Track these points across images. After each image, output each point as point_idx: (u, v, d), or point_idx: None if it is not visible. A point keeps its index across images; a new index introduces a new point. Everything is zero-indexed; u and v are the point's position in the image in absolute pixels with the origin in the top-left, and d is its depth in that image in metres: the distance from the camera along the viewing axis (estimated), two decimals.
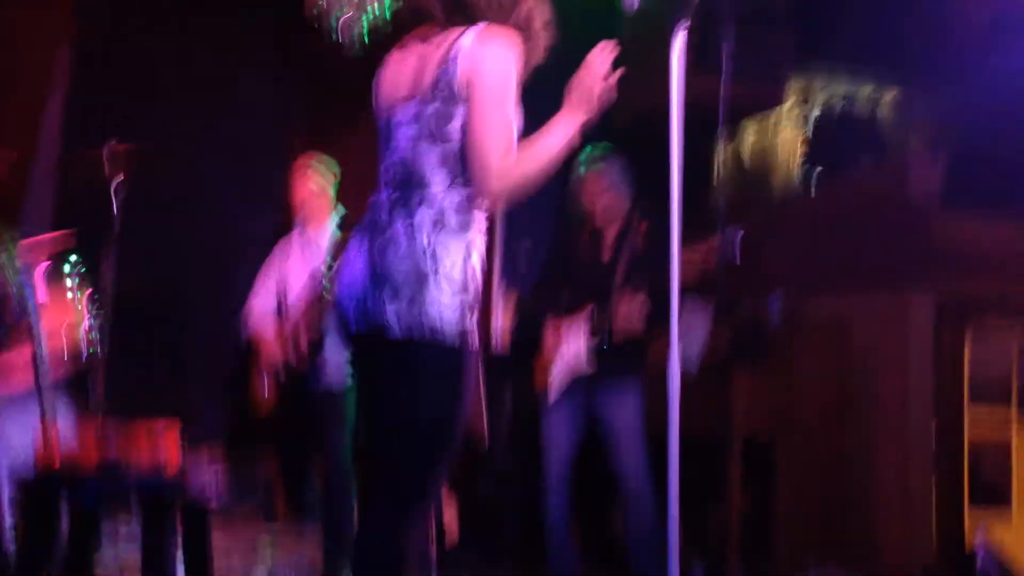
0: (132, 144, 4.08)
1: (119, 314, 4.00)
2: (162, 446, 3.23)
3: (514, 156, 2.23)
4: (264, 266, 4.55)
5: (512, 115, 2.28)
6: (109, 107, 5.27)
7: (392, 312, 2.19)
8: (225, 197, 5.62)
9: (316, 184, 4.42)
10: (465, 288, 2.23)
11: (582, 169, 4.12)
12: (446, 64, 2.24)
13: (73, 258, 3.86)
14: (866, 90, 7.35)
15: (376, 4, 4.73)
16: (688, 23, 2.48)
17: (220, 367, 5.32)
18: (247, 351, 4.51)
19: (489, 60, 2.25)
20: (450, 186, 2.27)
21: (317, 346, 4.21)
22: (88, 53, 5.32)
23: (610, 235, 4.17)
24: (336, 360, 4.24)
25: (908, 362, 5.12)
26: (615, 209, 4.14)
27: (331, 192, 4.48)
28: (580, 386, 4.11)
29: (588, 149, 4.16)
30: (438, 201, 2.25)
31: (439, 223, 2.24)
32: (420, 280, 2.19)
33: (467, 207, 2.29)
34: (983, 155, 6.29)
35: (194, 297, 5.38)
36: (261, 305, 4.46)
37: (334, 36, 4.77)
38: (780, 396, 5.00)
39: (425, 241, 2.21)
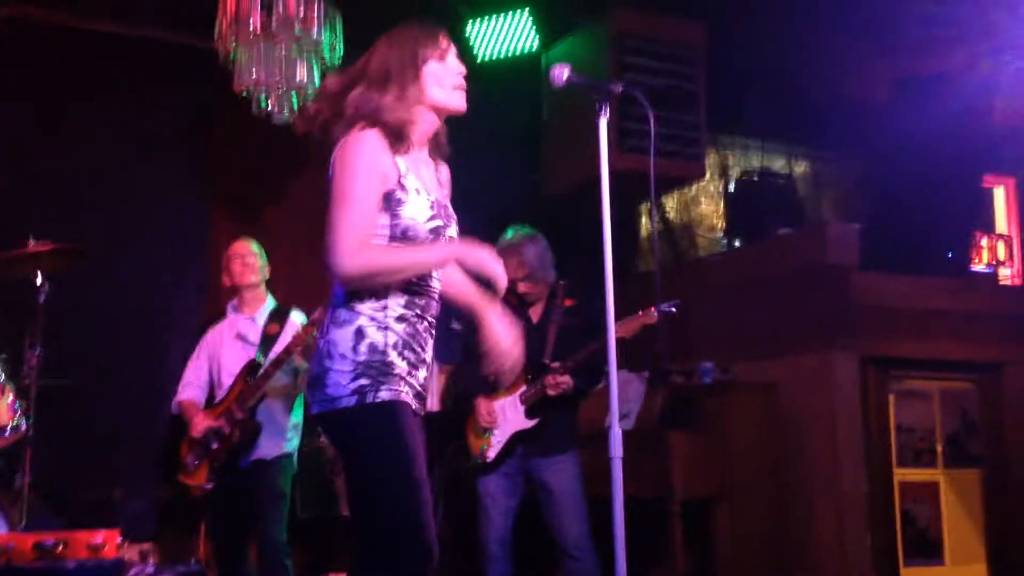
0: (53, 242, 4.06)
1: (46, 402, 3.96)
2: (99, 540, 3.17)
3: (366, 241, 2.38)
4: (196, 349, 4.53)
5: (363, 204, 2.39)
6: (26, 205, 5.23)
7: (309, 395, 2.46)
8: (149, 281, 5.57)
9: (254, 271, 4.43)
10: (362, 360, 2.38)
11: (505, 246, 4.18)
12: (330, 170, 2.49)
13: None
14: (778, 161, 7.65)
15: (311, 87, 4.80)
16: (608, 104, 2.59)
17: (150, 449, 5.23)
18: (178, 432, 4.47)
19: (338, 158, 2.45)
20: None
21: (249, 426, 4.18)
22: (3, 147, 5.28)
23: (536, 310, 4.25)
24: (270, 431, 4.23)
25: (837, 422, 5.25)
26: (538, 284, 4.22)
27: (264, 277, 4.49)
28: (517, 451, 4.14)
29: (511, 229, 4.25)
30: (336, 300, 2.48)
31: (332, 322, 2.46)
32: (321, 368, 2.42)
33: (352, 297, 2.44)
34: (895, 217, 6.59)
35: (122, 381, 5.29)
36: (193, 386, 4.44)
37: (261, 111, 4.80)
38: (716, 458, 5.09)
39: (323, 343, 2.45)
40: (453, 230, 2.54)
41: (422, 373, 2.50)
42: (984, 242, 6.94)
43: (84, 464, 5.13)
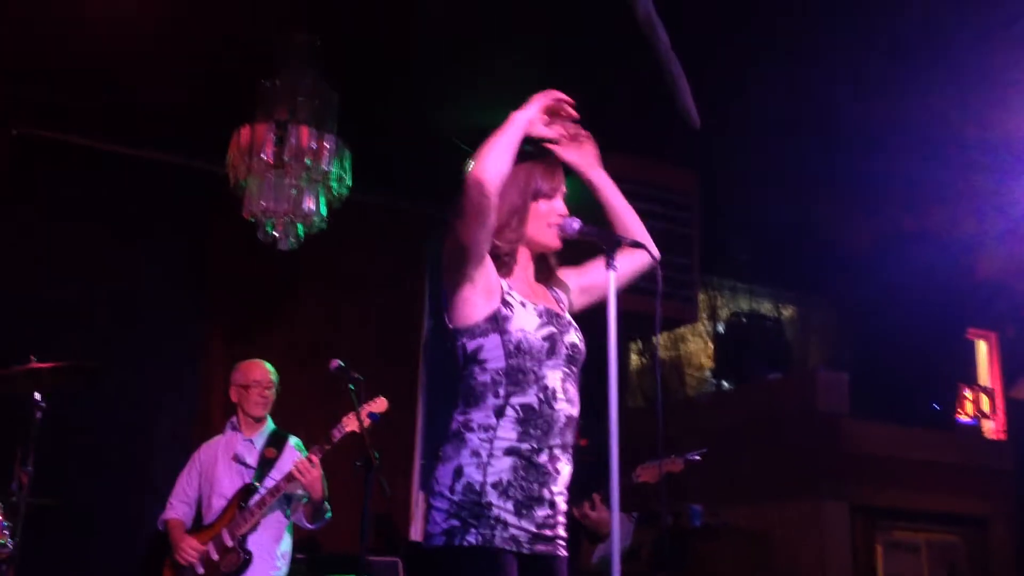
0: (51, 361, 4.06)
1: (32, 521, 3.88)
2: None
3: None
4: (188, 463, 4.46)
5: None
6: (25, 322, 5.24)
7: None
8: (139, 400, 5.54)
9: (269, 403, 4.40)
10: (457, 500, 2.36)
11: None
12: None
13: None
14: (766, 304, 7.79)
15: (316, 217, 4.89)
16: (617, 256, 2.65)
17: (134, 569, 5.10)
18: (161, 552, 4.36)
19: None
20: (451, 417, 2.50)
21: (240, 555, 4.09)
22: (3, 262, 5.31)
23: None
24: (260, 559, 4.12)
25: (827, 571, 5.21)
26: None
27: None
28: None
29: None
30: (448, 433, 2.48)
31: (440, 458, 2.46)
32: (428, 506, 2.44)
33: (458, 434, 2.44)
34: (880, 365, 6.68)
35: (107, 501, 5.20)
36: (182, 504, 4.35)
37: (267, 237, 4.88)
38: None
39: (432, 481, 2.46)
40: (573, 336, 2.53)
41: (542, 511, 2.41)
42: (968, 394, 7.02)
43: None
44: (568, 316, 2.61)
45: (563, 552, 2.51)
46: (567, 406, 2.49)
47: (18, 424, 4.03)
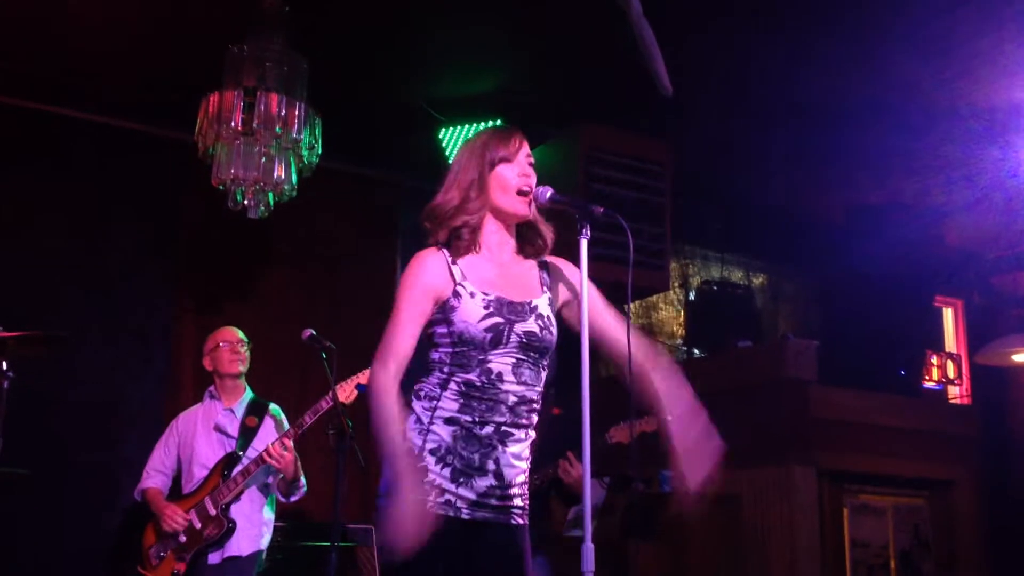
0: (15, 331, 4.02)
1: (3, 491, 3.86)
2: None
3: (391, 364, 2.43)
4: (165, 433, 4.44)
5: (397, 325, 2.48)
6: None
7: None
8: (109, 370, 5.49)
9: (243, 360, 4.39)
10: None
11: None
12: None
13: None
14: (737, 273, 7.84)
15: (287, 186, 4.85)
16: (589, 225, 2.65)
17: (101, 541, 5.09)
18: (139, 522, 4.35)
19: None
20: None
21: (223, 523, 4.09)
22: None
23: None
24: (244, 528, 4.13)
25: (796, 534, 5.29)
26: None
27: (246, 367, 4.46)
28: None
29: None
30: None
31: None
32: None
33: (408, 403, 2.51)
34: (849, 333, 6.76)
35: (76, 471, 5.17)
36: (160, 474, 4.33)
37: (237, 205, 4.82)
38: (676, 569, 5.09)
39: None
40: (531, 324, 2.52)
41: (484, 480, 2.45)
42: (935, 360, 7.13)
43: (39, 556, 4.98)
44: (537, 302, 2.58)
45: (519, 520, 2.55)
46: (519, 387, 2.52)
47: None
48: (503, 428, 2.49)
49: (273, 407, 4.42)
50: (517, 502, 2.54)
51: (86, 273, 5.54)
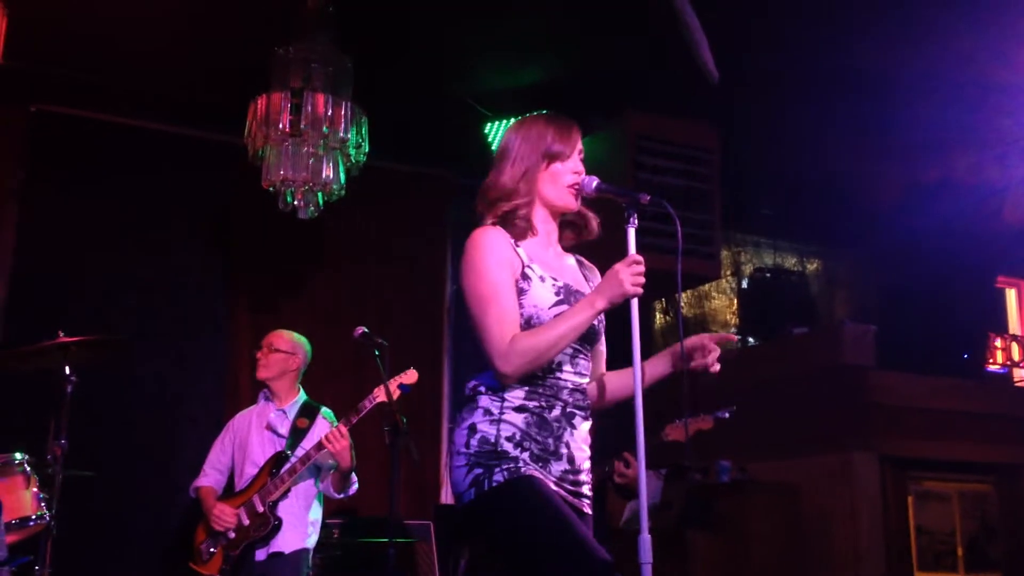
0: (81, 335, 4.11)
1: (68, 493, 3.95)
2: None
3: (515, 334, 2.39)
4: (222, 432, 4.51)
5: (501, 302, 2.41)
6: (52, 297, 5.30)
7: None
8: (168, 373, 5.60)
9: (266, 367, 4.44)
10: (473, 452, 2.39)
11: None
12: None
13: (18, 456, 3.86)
14: (791, 259, 7.73)
15: (336, 185, 4.89)
16: (636, 213, 2.62)
17: (164, 540, 5.19)
18: (193, 519, 4.43)
19: (465, 260, 2.47)
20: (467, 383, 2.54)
21: (270, 520, 4.15)
22: (31, 240, 5.36)
23: None
24: (291, 526, 4.19)
25: (858, 523, 5.21)
26: None
27: (285, 370, 4.50)
28: None
29: None
30: (462, 400, 2.53)
31: (456, 424, 2.50)
32: (449, 470, 2.51)
33: (471, 397, 2.48)
34: (908, 317, 6.62)
35: (139, 472, 5.28)
36: (215, 472, 4.42)
37: (287, 206, 4.87)
38: (736, 559, 5.03)
39: (452, 440, 2.51)
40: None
41: (559, 465, 2.42)
42: (998, 343, 6.95)
43: (102, 555, 5.09)
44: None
45: (587, 510, 2.52)
46: (575, 377, 2.52)
47: (51, 398, 4.09)
48: (568, 409, 2.48)
49: (325, 410, 4.46)
50: (585, 490, 2.53)
51: (144, 278, 5.64)
